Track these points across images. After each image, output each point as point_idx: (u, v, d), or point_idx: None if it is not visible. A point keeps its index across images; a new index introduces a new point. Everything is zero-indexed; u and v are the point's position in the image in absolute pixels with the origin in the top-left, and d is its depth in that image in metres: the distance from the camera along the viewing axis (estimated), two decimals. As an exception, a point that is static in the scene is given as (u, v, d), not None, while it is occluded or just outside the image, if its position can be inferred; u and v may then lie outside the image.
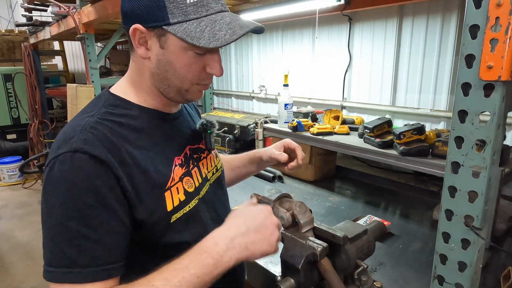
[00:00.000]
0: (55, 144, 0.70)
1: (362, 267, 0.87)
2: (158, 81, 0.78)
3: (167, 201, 0.76)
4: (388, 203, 1.73)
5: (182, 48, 0.72)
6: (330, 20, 2.31)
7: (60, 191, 0.65)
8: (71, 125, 0.73)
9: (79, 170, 0.65)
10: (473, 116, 0.63)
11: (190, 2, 0.70)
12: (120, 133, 0.73)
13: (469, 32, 0.62)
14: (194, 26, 0.70)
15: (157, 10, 0.70)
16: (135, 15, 0.72)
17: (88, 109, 0.78)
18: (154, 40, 0.73)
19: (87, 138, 0.68)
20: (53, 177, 0.66)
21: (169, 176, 0.78)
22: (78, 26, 2.63)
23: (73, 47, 6.64)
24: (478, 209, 0.65)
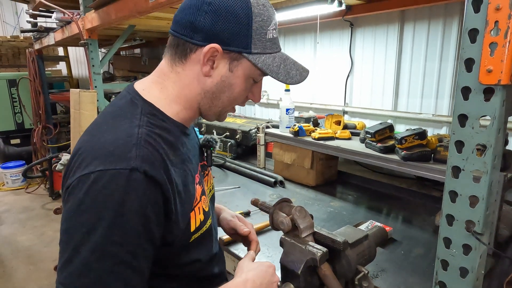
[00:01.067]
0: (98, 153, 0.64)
1: (363, 273, 0.86)
2: (207, 98, 0.78)
3: (191, 222, 0.75)
4: (390, 209, 1.72)
5: (246, 76, 0.77)
6: (331, 26, 2.32)
7: (109, 212, 0.60)
8: (117, 135, 0.67)
9: (134, 192, 0.61)
10: (473, 120, 0.63)
11: (269, 38, 0.75)
12: (164, 148, 0.70)
13: (468, 36, 0.62)
14: (271, 60, 0.76)
15: (243, 38, 0.72)
16: (216, 35, 0.71)
17: (126, 114, 0.72)
18: (225, 62, 0.75)
19: (145, 155, 0.64)
20: (101, 193, 0.60)
21: (195, 195, 0.77)
22: (82, 32, 2.65)
23: (77, 53, 6.70)
24: (479, 214, 0.65)
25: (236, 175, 2.25)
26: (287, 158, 2.10)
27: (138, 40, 4.04)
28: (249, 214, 1.63)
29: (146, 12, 1.96)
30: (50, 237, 3.62)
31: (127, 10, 2.04)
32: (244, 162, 2.42)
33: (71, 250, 0.60)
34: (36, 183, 5.10)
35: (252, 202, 1.04)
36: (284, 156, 2.12)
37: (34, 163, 4.52)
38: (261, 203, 1.01)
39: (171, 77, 0.77)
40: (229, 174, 2.28)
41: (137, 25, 2.83)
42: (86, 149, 0.66)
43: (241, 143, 2.59)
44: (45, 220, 3.99)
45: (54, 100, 5.18)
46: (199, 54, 0.73)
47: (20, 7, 8.23)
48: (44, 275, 2.99)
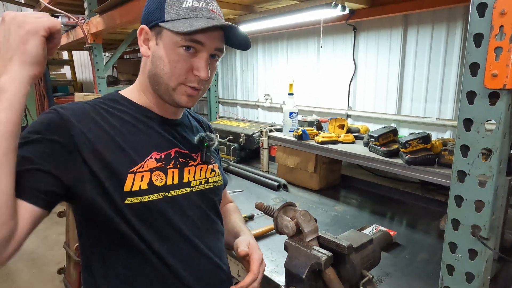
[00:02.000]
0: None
1: (368, 278, 0.86)
2: (151, 78, 0.86)
3: (127, 181, 0.79)
4: (395, 213, 1.72)
5: (172, 44, 0.80)
6: (335, 30, 2.32)
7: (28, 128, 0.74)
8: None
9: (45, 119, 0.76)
10: (479, 124, 0.63)
11: (185, 6, 0.81)
12: (102, 114, 0.82)
13: (473, 40, 0.62)
14: (182, 22, 0.79)
15: (157, 11, 0.82)
16: (144, 17, 0.85)
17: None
18: (154, 39, 0.83)
19: (70, 107, 0.80)
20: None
21: (139, 162, 0.82)
22: (87, 36, 2.68)
23: (81, 57, 6.76)
24: (485, 219, 0.64)
25: (240, 179, 2.26)
26: (290, 161, 2.10)
27: (142, 44, 4.06)
28: (253, 218, 1.63)
29: (151, 16, 1.97)
30: (53, 240, 3.63)
31: (132, 15, 2.06)
32: (247, 166, 2.42)
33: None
34: (40, 186, 5.12)
35: (256, 206, 1.04)
36: (287, 160, 2.12)
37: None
38: (265, 207, 1.01)
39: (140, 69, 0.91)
40: (233, 178, 2.28)
41: (141, 30, 2.85)
42: None
43: (244, 147, 2.60)
44: (48, 223, 4.00)
45: (58, 103, 5.21)
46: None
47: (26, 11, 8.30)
48: (47, 279, 2.99)
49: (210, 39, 0.81)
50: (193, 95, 0.85)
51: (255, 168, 2.37)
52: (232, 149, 2.59)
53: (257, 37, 2.96)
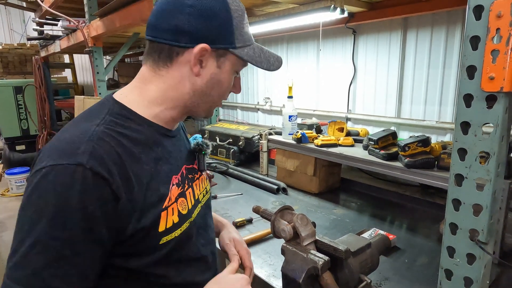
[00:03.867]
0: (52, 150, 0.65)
1: (366, 282, 0.85)
2: (196, 97, 0.79)
3: (161, 222, 0.72)
4: (394, 216, 1.70)
5: (232, 69, 0.80)
6: (334, 33, 2.32)
7: (51, 206, 0.60)
8: (74, 133, 0.67)
9: (78, 188, 0.61)
10: (476, 127, 0.62)
11: (245, 31, 0.79)
12: (126, 146, 0.70)
13: (470, 43, 0.61)
14: (252, 51, 0.79)
15: (227, 34, 0.76)
16: (202, 35, 0.73)
17: (92, 115, 0.73)
18: (212, 60, 0.77)
19: (94, 151, 0.64)
20: (43, 187, 0.61)
21: (167, 195, 0.75)
22: (87, 39, 2.69)
23: (82, 60, 6.79)
24: (483, 223, 0.64)
25: (239, 182, 2.25)
26: (290, 165, 2.09)
27: (143, 48, 4.08)
28: (251, 221, 1.62)
29: (150, 20, 1.98)
30: (53, 243, 3.62)
31: (131, 18, 2.06)
32: (247, 169, 2.42)
33: (18, 241, 0.61)
34: (40, 189, 5.12)
35: (254, 210, 1.03)
36: (287, 163, 2.11)
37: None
38: (263, 211, 1.00)
39: (154, 81, 0.78)
40: (232, 181, 2.27)
41: (141, 33, 2.87)
42: (45, 148, 0.67)
43: (244, 150, 2.59)
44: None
45: (59, 106, 5.23)
46: (187, 56, 0.74)
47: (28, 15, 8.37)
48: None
49: None
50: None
51: (255, 171, 2.36)
52: (232, 152, 2.59)
53: (257, 40, 2.96)
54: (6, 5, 5.03)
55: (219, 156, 2.71)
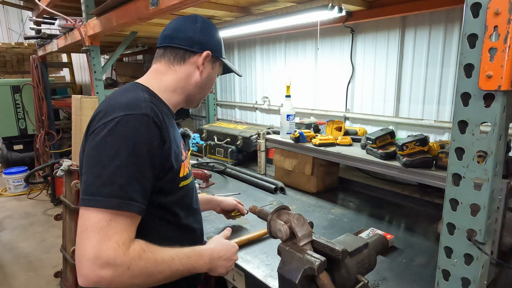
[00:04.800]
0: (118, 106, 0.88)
1: (363, 283, 0.84)
2: (197, 88, 1.11)
3: (181, 169, 1.00)
4: (392, 216, 1.70)
5: (216, 73, 1.16)
6: (332, 32, 2.32)
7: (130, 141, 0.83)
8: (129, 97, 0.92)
9: (147, 129, 0.87)
10: (474, 126, 0.62)
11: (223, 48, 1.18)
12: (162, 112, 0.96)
13: (467, 41, 0.61)
14: (229, 61, 1.20)
15: (220, 47, 1.15)
16: (208, 46, 1.09)
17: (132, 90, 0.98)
18: (209, 63, 1.11)
19: (152, 108, 0.91)
20: (121, 129, 0.84)
21: (182, 152, 1.04)
22: (84, 38, 2.67)
23: (80, 59, 6.76)
24: (481, 223, 0.63)
25: (237, 182, 2.24)
26: (287, 164, 2.09)
27: (140, 47, 4.06)
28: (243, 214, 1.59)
29: (147, 18, 1.97)
30: (51, 243, 3.61)
31: (128, 17, 2.05)
32: (244, 168, 2.41)
33: (100, 168, 0.82)
34: (38, 189, 5.11)
35: (250, 209, 1.02)
36: (284, 163, 2.11)
37: (36, 168, 4.53)
38: (259, 210, 0.99)
39: (169, 74, 1.07)
40: (230, 181, 2.27)
41: (138, 32, 2.85)
42: (106, 108, 0.89)
43: (242, 149, 2.58)
44: (46, 226, 3.98)
45: (56, 106, 5.20)
46: (196, 58, 1.08)
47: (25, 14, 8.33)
48: (44, 282, 2.97)
49: None
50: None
51: (253, 171, 2.36)
52: (230, 151, 2.58)
53: (255, 39, 2.95)
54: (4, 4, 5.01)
55: (217, 156, 2.70)
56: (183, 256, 0.92)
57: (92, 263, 0.76)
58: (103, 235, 0.78)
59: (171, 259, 0.88)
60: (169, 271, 0.87)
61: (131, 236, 0.83)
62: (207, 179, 2.15)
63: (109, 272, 0.77)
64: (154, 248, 0.87)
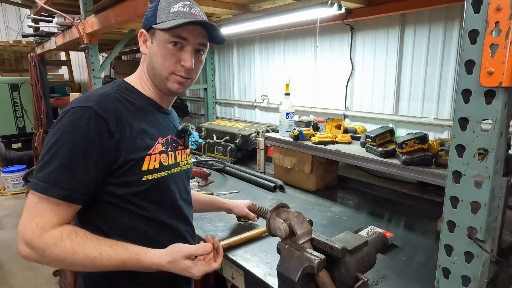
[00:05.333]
0: (75, 101, 0.94)
1: (362, 281, 0.84)
2: (149, 71, 1.03)
3: (144, 163, 0.97)
4: (392, 214, 1.70)
5: (163, 41, 0.98)
6: (331, 29, 2.31)
7: (68, 131, 0.88)
8: (91, 92, 0.97)
9: (86, 121, 0.88)
10: (474, 123, 0.61)
11: (172, 11, 0.98)
12: (125, 105, 0.98)
13: (468, 37, 0.60)
14: (168, 22, 0.96)
15: (152, 17, 1.00)
16: (143, 23, 1.03)
17: (106, 86, 1.02)
18: (150, 39, 1.01)
19: (100, 101, 0.92)
20: (65, 120, 0.89)
21: (151, 146, 1.01)
22: (82, 36, 2.66)
23: (79, 58, 6.73)
24: (482, 221, 0.62)
25: (236, 180, 2.24)
26: (287, 162, 2.08)
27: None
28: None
29: (146, 16, 1.95)
30: (49, 241, 3.60)
31: (127, 14, 2.04)
32: (244, 167, 2.40)
33: (43, 154, 0.88)
34: (37, 188, 5.09)
35: (249, 208, 1.02)
36: (284, 161, 2.10)
37: (34, 167, 4.51)
38: (258, 209, 0.99)
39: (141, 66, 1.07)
40: (229, 179, 2.26)
41: (137, 29, 2.84)
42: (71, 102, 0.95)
43: (241, 148, 2.58)
44: (45, 224, 3.97)
45: (55, 104, 5.18)
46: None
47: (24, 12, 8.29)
48: (43, 281, 2.97)
49: (193, 35, 0.98)
50: (182, 82, 1.03)
51: (252, 169, 2.35)
52: (229, 149, 2.57)
53: (254, 37, 2.94)
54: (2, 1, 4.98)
55: (216, 154, 2.69)
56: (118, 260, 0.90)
57: (20, 239, 0.85)
58: (29, 215, 0.85)
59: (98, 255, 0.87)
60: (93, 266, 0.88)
61: (53, 221, 0.86)
62: (206, 177, 2.14)
63: (30, 252, 0.84)
64: (80, 240, 0.87)
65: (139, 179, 0.96)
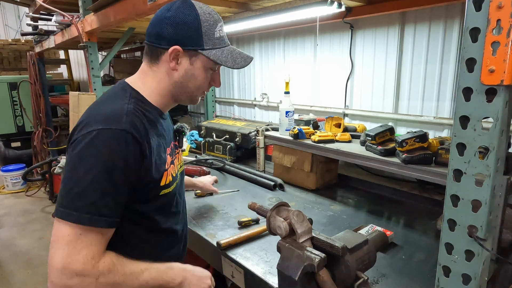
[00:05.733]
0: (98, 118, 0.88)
1: (363, 279, 0.84)
2: (178, 88, 1.02)
3: (163, 178, 0.99)
4: (391, 213, 1.70)
5: (205, 67, 1.00)
6: (331, 28, 2.30)
7: (105, 158, 0.83)
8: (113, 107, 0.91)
9: (124, 145, 0.85)
10: (475, 122, 0.61)
11: (216, 37, 0.99)
12: (144, 122, 0.94)
13: (469, 35, 0.60)
14: (220, 53, 1.00)
15: (196, 39, 0.96)
16: (176, 39, 0.95)
17: (119, 96, 0.96)
18: (186, 59, 0.98)
19: (133, 122, 0.89)
20: (98, 143, 0.84)
21: (166, 161, 1.02)
22: (81, 34, 2.65)
23: (78, 56, 6.72)
24: (482, 219, 0.62)
25: (236, 178, 2.23)
26: (286, 161, 2.08)
27: (138, 43, 4.04)
28: (258, 221, 1.55)
29: (144, 14, 1.95)
30: (49, 241, 3.55)
31: (126, 13, 2.03)
32: (243, 165, 2.40)
33: (74, 182, 0.83)
34: (36, 186, 5.09)
35: (249, 206, 1.02)
36: (283, 159, 2.10)
37: (34, 166, 4.51)
38: (258, 207, 0.99)
39: (150, 75, 1.02)
40: (229, 177, 2.26)
41: (136, 28, 2.83)
42: (88, 118, 0.89)
43: (240, 146, 2.57)
44: (44, 223, 3.97)
45: (54, 103, 5.18)
46: (166, 55, 0.97)
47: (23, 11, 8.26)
48: (42, 280, 2.97)
49: None
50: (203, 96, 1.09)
51: (251, 168, 2.35)
52: (228, 148, 2.57)
53: (253, 35, 2.94)
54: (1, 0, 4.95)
55: (215, 153, 2.69)
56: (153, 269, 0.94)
57: (61, 273, 0.80)
58: (72, 248, 0.81)
59: (140, 272, 0.91)
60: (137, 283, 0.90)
61: (100, 250, 0.85)
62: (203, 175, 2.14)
63: (76, 281, 0.81)
64: (124, 261, 0.89)
65: (157, 194, 0.98)
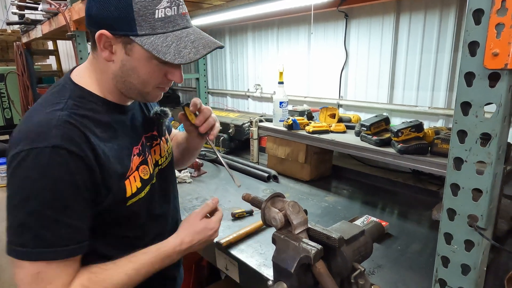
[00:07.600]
0: (25, 134, 0.71)
1: (359, 270, 0.82)
2: (120, 83, 0.82)
3: (127, 188, 0.83)
4: (386, 203, 1.69)
5: (146, 58, 0.77)
6: (326, 17, 2.27)
7: (38, 183, 0.69)
8: (42, 118, 0.73)
9: (60, 165, 0.70)
10: (477, 108, 0.59)
11: (158, 18, 0.74)
12: (89, 127, 0.77)
13: (472, 17, 0.57)
14: (161, 40, 0.75)
15: (126, 21, 0.73)
16: (103, 21, 0.74)
17: (54, 100, 0.78)
18: (120, 46, 0.77)
19: (66, 134, 0.71)
20: (28, 166, 0.69)
21: (129, 166, 0.85)
22: (69, 23, 2.57)
23: (67, 47, 6.58)
24: (483, 208, 0.61)
25: (229, 170, 2.21)
26: (281, 152, 2.06)
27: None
28: (252, 213, 1.55)
29: (134, 1, 1.89)
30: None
31: (115, 0, 1.96)
32: (237, 157, 2.38)
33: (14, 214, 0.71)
34: (26, 180, 5.01)
35: (243, 197, 0.99)
36: (277, 150, 2.08)
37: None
38: (253, 198, 0.96)
39: (93, 64, 0.84)
40: (222, 169, 2.23)
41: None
42: (17, 132, 0.74)
43: (234, 138, 2.55)
44: (35, 217, 3.91)
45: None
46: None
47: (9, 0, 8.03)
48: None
49: None
50: (164, 91, 0.88)
51: (245, 159, 2.33)
52: (222, 140, 2.54)
53: (247, 25, 2.88)
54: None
55: (208, 144, 2.66)
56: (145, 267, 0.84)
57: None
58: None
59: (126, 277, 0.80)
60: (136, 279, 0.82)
61: (66, 281, 0.73)
62: (198, 168, 2.11)
63: None
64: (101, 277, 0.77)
65: (123, 205, 0.84)
